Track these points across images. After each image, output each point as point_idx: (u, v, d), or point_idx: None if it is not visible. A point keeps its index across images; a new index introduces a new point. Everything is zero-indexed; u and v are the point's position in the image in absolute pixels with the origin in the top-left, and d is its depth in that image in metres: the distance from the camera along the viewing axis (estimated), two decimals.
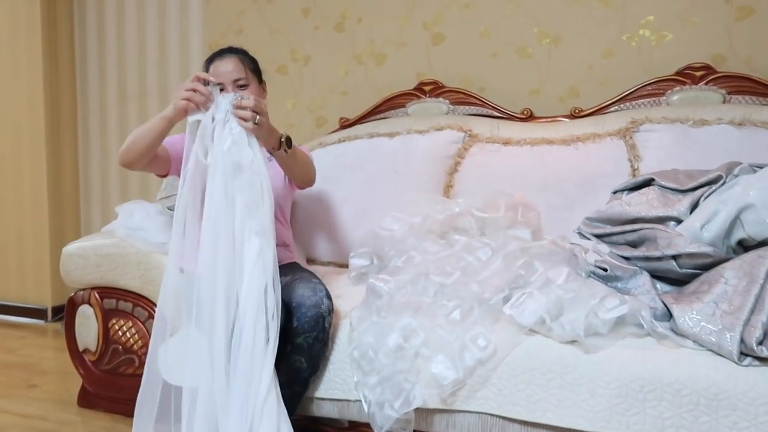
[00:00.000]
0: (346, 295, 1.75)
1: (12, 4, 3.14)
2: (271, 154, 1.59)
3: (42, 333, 3.05)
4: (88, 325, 2.01)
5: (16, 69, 3.18)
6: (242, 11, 2.81)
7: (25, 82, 3.16)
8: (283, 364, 1.56)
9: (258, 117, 1.49)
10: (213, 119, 1.49)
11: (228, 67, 1.74)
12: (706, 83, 2.09)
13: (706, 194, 1.60)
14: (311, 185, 1.85)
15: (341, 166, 2.29)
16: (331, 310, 1.58)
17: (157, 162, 1.71)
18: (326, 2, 2.67)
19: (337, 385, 1.60)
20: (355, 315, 1.60)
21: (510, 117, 2.33)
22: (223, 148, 1.46)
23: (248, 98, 1.50)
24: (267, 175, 1.50)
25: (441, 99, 2.44)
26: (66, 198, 3.28)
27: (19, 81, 3.17)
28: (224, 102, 1.50)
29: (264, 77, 1.86)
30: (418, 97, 2.47)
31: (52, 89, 3.18)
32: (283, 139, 1.59)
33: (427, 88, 2.47)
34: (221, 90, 1.72)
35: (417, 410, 1.47)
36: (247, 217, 1.46)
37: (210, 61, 1.80)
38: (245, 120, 1.48)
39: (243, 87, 1.74)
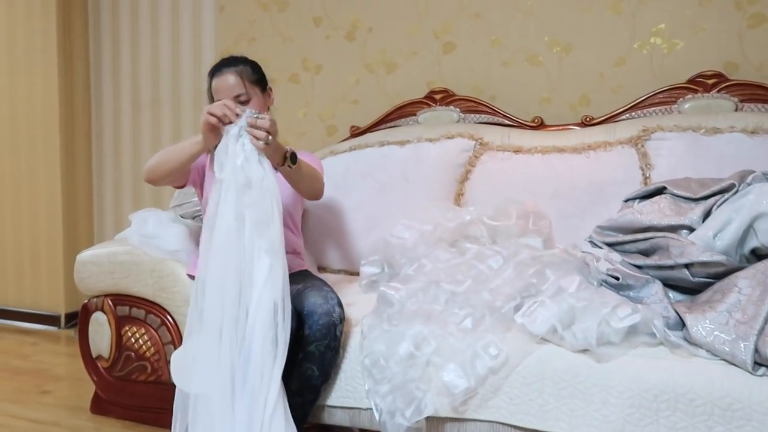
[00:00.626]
0: (357, 302, 1.75)
1: (28, 14, 3.19)
2: (276, 169, 1.60)
3: (55, 339, 3.07)
4: (101, 331, 2.03)
5: (31, 79, 3.22)
6: (254, 20, 2.84)
7: (41, 91, 3.21)
8: (294, 371, 1.56)
9: (270, 137, 1.50)
10: (228, 135, 1.50)
11: (228, 83, 1.72)
12: (719, 91, 2.09)
13: (718, 203, 1.59)
14: (318, 199, 1.83)
15: (352, 174, 2.30)
16: (342, 318, 1.58)
17: (178, 177, 1.73)
18: (338, 11, 2.69)
19: (348, 393, 1.60)
20: (366, 323, 1.61)
21: (521, 125, 2.34)
22: (236, 164, 1.47)
23: (264, 118, 1.51)
24: (277, 193, 1.51)
25: (452, 107, 2.44)
26: (80, 206, 3.32)
27: (34, 91, 3.22)
28: (240, 118, 1.51)
29: (275, 86, 1.86)
30: (429, 105, 2.48)
31: (67, 99, 3.22)
32: (287, 155, 1.58)
33: (437, 97, 2.47)
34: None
35: (428, 419, 1.47)
36: (256, 234, 1.47)
37: (212, 74, 1.78)
38: (258, 139, 1.49)
39: (245, 102, 1.71)
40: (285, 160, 1.58)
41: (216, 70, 1.77)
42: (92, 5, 3.28)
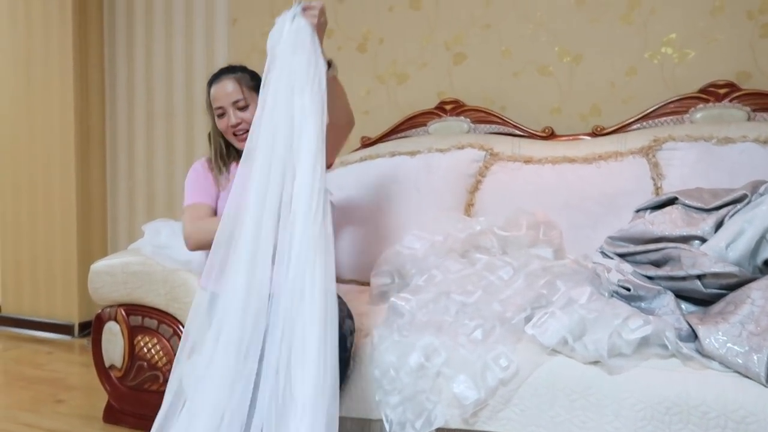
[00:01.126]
0: (367, 313, 1.75)
1: (45, 26, 3.25)
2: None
3: (69, 348, 3.10)
4: (114, 341, 2.04)
5: (48, 90, 3.28)
6: (267, 32, 2.84)
7: (58, 104, 3.26)
8: None
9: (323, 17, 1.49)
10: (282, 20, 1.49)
11: (226, 90, 1.75)
12: (730, 100, 2.08)
13: (731, 213, 1.58)
14: (353, 125, 1.79)
15: (363, 185, 2.31)
16: (353, 330, 1.58)
17: None
18: (349, 23, 2.72)
19: (358, 404, 1.60)
20: (376, 334, 1.61)
21: (531, 135, 2.34)
22: (290, 32, 1.45)
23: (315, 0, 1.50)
24: (323, 72, 1.45)
25: (462, 118, 2.45)
26: (94, 216, 3.36)
27: (51, 103, 3.28)
28: (292, 8, 1.50)
29: None
30: (439, 116, 2.49)
31: (83, 111, 3.27)
32: (326, 60, 1.55)
33: (448, 107, 2.48)
34: (222, 115, 1.75)
35: (438, 430, 1.46)
36: (298, 96, 1.42)
37: (210, 83, 1.80)
38: (313, 18, 1.47)
39: (243, 108, 1.74)
40: (329, 66, 1.55)
41: (214, 78, 1.80)
42: (108, 17, 3.34)
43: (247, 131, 1.72)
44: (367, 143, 2.58)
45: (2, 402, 2.36)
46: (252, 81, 1.79)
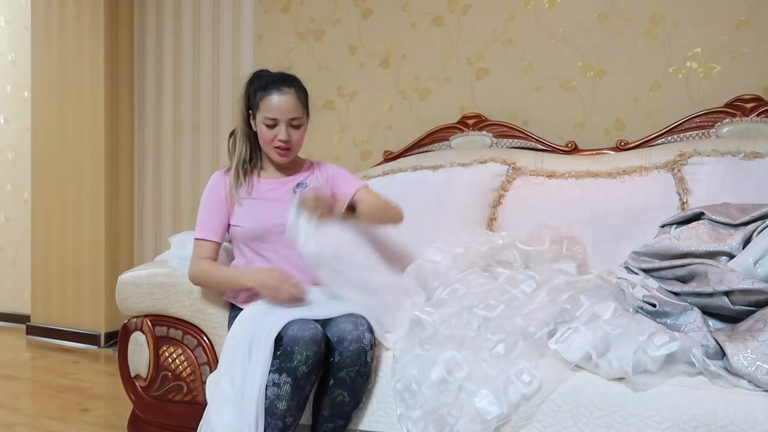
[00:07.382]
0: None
1: (78, 43, 3.35)
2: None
3: (95, 358, 3.15)
4: (140, 351, 2.07)
5: (80, 106, 3.37)
6: (291, 49, 2.92)
7: (88, 118, 3.35)
8: (325, 398, 1.57)
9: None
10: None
11: (289, 104, 1.70)
12: (758, 115, 2.05)
13: (759, 229, 1.55)
14: (401, 215, 1.89)
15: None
16: (373, 344, 1.58)
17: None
18: (372, 40, 2.75)
19: (380, 418, 1.60)
20: (398, 347, 1.61)
21: (554, 150, 2.33)
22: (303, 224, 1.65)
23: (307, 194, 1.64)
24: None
25: (484, 132, 2.45)
26: (121, 228, 3.43)
27: (82, 118, 3.36)
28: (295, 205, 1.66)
29: (311, 111, 1.87)
30: (462, 130, 2.50)
31: (112, 125, 3.35)
32: (343, 210, 1.68)
33: (470, 122, 2.49)
34: (272, 127, 1.75)
35: None
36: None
37: (264, 88, 1.72)
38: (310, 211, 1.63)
39: (297, 127, 1.74)
40: (346, 214, 1.69)
41: (274, 87, 1.72)
42: (138, 33, 3.43)
43: (289, 149, 1.76)
44: (389, 157, 2.60)
45: (30, 410, 2.40)
46: (306, 96, 1.78)
